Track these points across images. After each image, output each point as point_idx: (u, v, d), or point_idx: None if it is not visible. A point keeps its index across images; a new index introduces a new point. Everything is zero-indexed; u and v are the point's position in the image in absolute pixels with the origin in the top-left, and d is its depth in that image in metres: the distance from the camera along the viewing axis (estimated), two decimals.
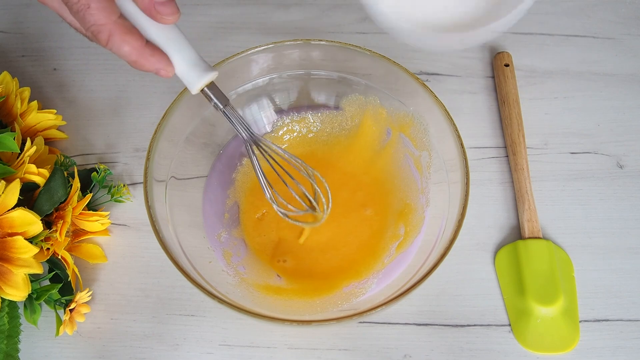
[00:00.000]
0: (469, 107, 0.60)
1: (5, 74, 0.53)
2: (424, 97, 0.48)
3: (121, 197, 0.53)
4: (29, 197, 0.48)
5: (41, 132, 0.55)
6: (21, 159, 0.47)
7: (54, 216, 0.48)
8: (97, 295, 0.50)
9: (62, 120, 0.56)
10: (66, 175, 0.49)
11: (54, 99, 0.61)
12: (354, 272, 0.49)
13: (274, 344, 0.47)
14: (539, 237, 0.51)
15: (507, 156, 0.56)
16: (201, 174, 0.53)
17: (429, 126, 0.49)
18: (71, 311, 0.46)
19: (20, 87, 0.54)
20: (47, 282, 0.49)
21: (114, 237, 0.53)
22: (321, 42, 0.50)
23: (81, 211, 0.49)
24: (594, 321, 0.48)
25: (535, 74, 0.62)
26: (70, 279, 0.48)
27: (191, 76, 0.37)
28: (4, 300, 0.44)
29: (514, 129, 0.56)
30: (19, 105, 0.53)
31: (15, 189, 0.43)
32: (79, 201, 0.49)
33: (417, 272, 0.43)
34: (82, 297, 0.47)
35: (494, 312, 0.48)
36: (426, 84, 0.49)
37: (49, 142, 0.56)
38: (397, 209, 0.51)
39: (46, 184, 0.47)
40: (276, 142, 0.55)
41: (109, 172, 0.54)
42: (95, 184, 0.54)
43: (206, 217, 0.51)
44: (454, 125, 0.46)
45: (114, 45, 0.34)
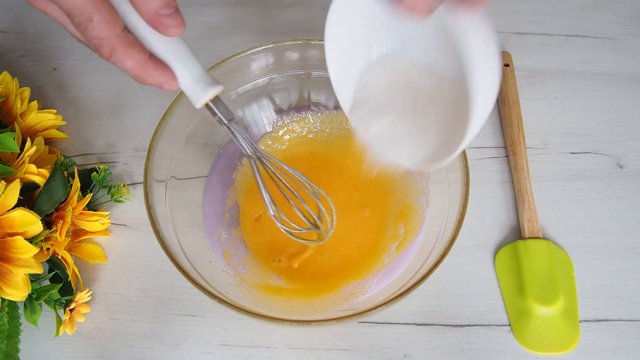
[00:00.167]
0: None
1: (5, 74, 0.53)
2: None
3: (121, 197, 0.53)
4: (29, 197, 0.48)
5: (41, 132, 0.55)
6: (21, 159, 0.47)
7: (54, 216, 0.48)
8: (97, 295, 0.50)
9: (62, 120, 0.56)
10: (66, 175, 0.49)
11: (54, 99, 0.61)
12: (353, 272, 0.49)
13: (274, 344, 0.47)
14: (539, 237, 0.51)
15: (507, 156, 0.56)
16: (201, 174, 0.53)
17: None
18: (71, 311, 0.46)
19: (20, 87, 0.54)
20: (47, 282, 0.49)
21: (114, 237, 0.53)
22: (321, 42, 0.50)
23: (81, 211, 0.49)
24: (594, 321, 0.48)
25: (535, 74, 0.62)
26: (70, 279, 0.48)
27: (195, 90, 0.37)
28: (4, 300, 0.44)
29: (514, 129, 0.56)
30: (19, 105, 0.53)
31: (15, 189, 0.43)
32: (79, 201, 0.49)
33: (417, 272, 0.43)
34: (82, 297, 0.47)
35: (494, 312, 0.48)
36: None
37: (49, 142, 0.56)
38: (397, 209, 0.51)
39: (46, 184, 0.47)
40: (276, 142, 0.55)
41: (109, 172, 0.54)
42: (95, 184, 0.54)
43: (206, 217, 0.51)
44: None
45: (116, 59, 0.34)
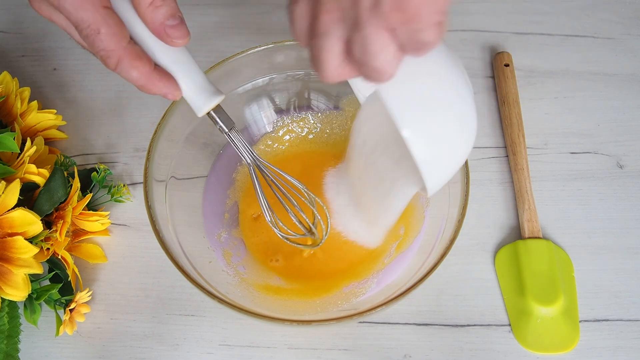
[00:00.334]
0: None
1: (5, 74, 0.53)
2: None
3: (121, 197, 0.53)
4: (29, 197, 0.48)
5: (41, 132, 0.55)
6: (21, 159, 0.47)
7: (54, 216, 0.48)
8: (97, 295, 0.50)
9: (62, 120, 0.56)
10: (66, 175, 0.49)
11: (54, 99, 0.61)
12: (353, 272, 0.49)
13: (274, 344, 0.47)
14: (539, 237, 0.51)
15: (507, 156, 0.56)
16: (201, 174, 0.53)
17: None
18: (71, 311, 0.46)
19: (20, 87, 0.54)
20: (47, 282, 0.49)
21: (114, 237, 0.53)
22: None
23: (81, 211, 0.49)
24: (594, 321, 0.48)
25: (535, 74, 0.62)
26: (70, 279, 0.48)
27: (198, 100, 0.37)
28: (4, 300, 0.44)
29: (514, 129, 0.56)
30: (19, 105, 0.53)
31: (15, 189, 0.43)
32: (79, 201, 0.49)
33: (417, 272, 0.43)
34: (82, 297, 0.47)
35: (494, 312, 0.48)
36: None
37: (49, 142, 0.56)
38: None
39: (46, 184, 0.47)
40: (276, 142, 0.55)
41: (109, 172, 0.54)
42: (95, 184, 0.54)
43: (206, 217, 0.51)
44: None
45: (122, 70, 0.34)
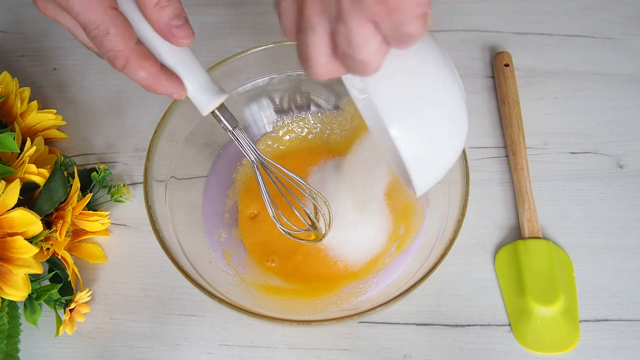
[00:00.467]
0: (469, 107, 0.59)
1: (5, 74, 0.53)
2: None
3: (121, 197, 0.53)
4: (29, 197, 0.48)
5: (41, 132, 0.55)
6: (21, 159, 0.47)
7: (54, 216, 0.48)
8: (97, 295, 0.50)
9: (62, 120, 0.56)
10: (66, 175, 0.49)
11: (54, 99, 0.61)
12: (354, 272, 0.49)
13: (274, 344, 0.47)
14: (539, 237, 0.51)
15: (507, 156, 0.56)
16: (201, 174, 0.53)
17: None
18: (71, 311, 0.46)
19: (20, 87, 0.54)
20: (47, 282, 0.49)
21: (114, 237, 0.53)
22: None
23: (81, 211, 0.49)
24: (594, 321, 0.48)
25: (535, 74, 0.62)
26: (70, 279, 0.48)
27: (203, 99, 0.38)
28: (4, 300, 0.44)
29: (514, 129, 0.56)
30: (19, 105, 0.53)
31: (15, 189, 0.43)
32: (79, 201, 0.49)
33: (417, 272, 0.43)
34: (82, 297, 0.47)
35: (494, 312, 0.48)
36: None
37: (49, 142, 0.56)
38: (397, 209, 0.51)
39: (46, 184, 0.47)
40: (276, 142, 0.55)
41: (109, 172, 0.54)
42: (95, 184, 0.54)
43: (206, 217, 0.51)
44: None
45: (130, 70, 0.34)
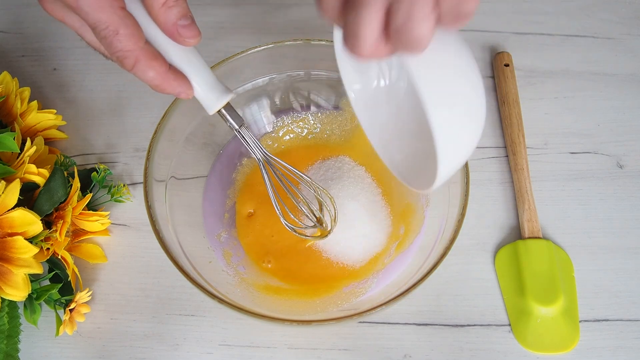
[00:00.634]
0: None
1: (5, 74, 0.53)
2: None
3: (121, 197, 0.53)
4: (29, 197, 0.48)
5: (41, 132, 0.55)
6: (21, 159, 0.47)
7: (54, 216, 0.48)
8: (97, 295, 0.50)
9: (62, 120, 0.56)
10: (66, 175, 0.49)
11: (54, 99, 0.61)
12: (354, 273, 0.49)
13: (274, 344, 0.47)
14: (539, 237, 0.51)
15: (507, 156, 0.56)
16: (201, 174, 0.53)
17: None
18: (71, 311, 0.46)
19: (20, 87, 0.54)
20: (47, 282, 0.49)
21: (114, 237, 0.53)
22: (321, 42, 0.50)
23: (81, 211, 0.49)
24: (594, 321, 0.48)
25: (535, 74, 0.62)
26: (70, 279, 0.48)
27: (209, 98, 0.38)
28: (4, 300, 0.44)
29: (514, 129, 0.56)
30: (19, 105, 0.53)
31: (15, 189, 0.43)
32: (79, 201, 0.49)
33: (417, 272, 0.43)
34: (82, 297, 0.47)
35: (494, 312, 0.48)
36: None
37: (49, 142, 0.56)
38: (397, 209, 0.51)
39: (46, 184, 0.47)
40: (276, 142, 0.55)
41: (109, 172, 0.54)
42: (95, 184, 0.54)
43: (206, 217, 0.51)
44: None
45: (138, 70, 0.34)
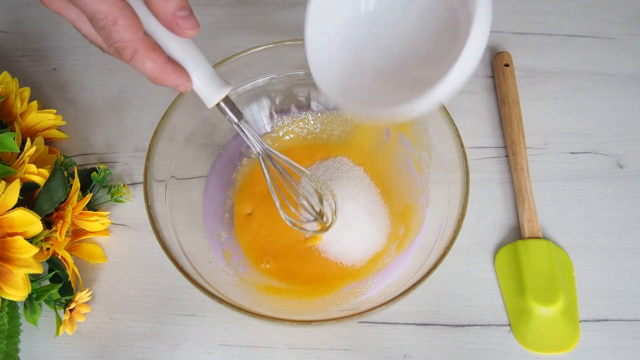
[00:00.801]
0: (469, 107, 0.60)
1: (5, 74, 0.53)
2: None
3: (121, 197, 0.53)
4: (29, 197, 0.48)
5: (41, 132, 0.55)
6: (21, 159, 0.47)
7: (54, 216, 0.48)
8: (97, 295, 0.50)
9: (62, 120, 0.56)
10: (66, 175, 0.49)
11: (54, 99, 0.61)
12: (353, 273, 0.49)
13: (274, 344, 0.47)
14: (539, 237, 0.51)
15: (507, 156, 0.56)
16: (201, 174, 0.53)
17: (428, 126, 0.49)
18: (71, 311, 0.46)
19: (20, 87, 0.54)
20: (47, 282, 0.49)
21: (114, 237, 0.53)
22: None
23: (81, 211, 0.49)
24: (594, 321, 0.48)
25: (535, 74, 0.62)
26: (70, 279, 0.48)
27: (208, 91, 0.38)
28: (4, 300, 0.44)
29: (513, 129, 0.56)
30: (19, 105, 0.53)
31: (15, 189, 0.43)
32: (79, 201, 0.49)
33: (417, 272, 0.43)
34: (82, 297, 0.47)
35: (494, 312, 0.48)
36: None
37: (49, 142, 0.56)
38: (397, 209, 0.51)
39: (46, 184, 0.47)
40: (276, 142, 0.55)
41: (109, 172, 0.54)
42: (95, 184, 0.54)
43: (206, 217, 0.51)
44: (454, 125, 0.46)
45: (137, 61, 0.34)
